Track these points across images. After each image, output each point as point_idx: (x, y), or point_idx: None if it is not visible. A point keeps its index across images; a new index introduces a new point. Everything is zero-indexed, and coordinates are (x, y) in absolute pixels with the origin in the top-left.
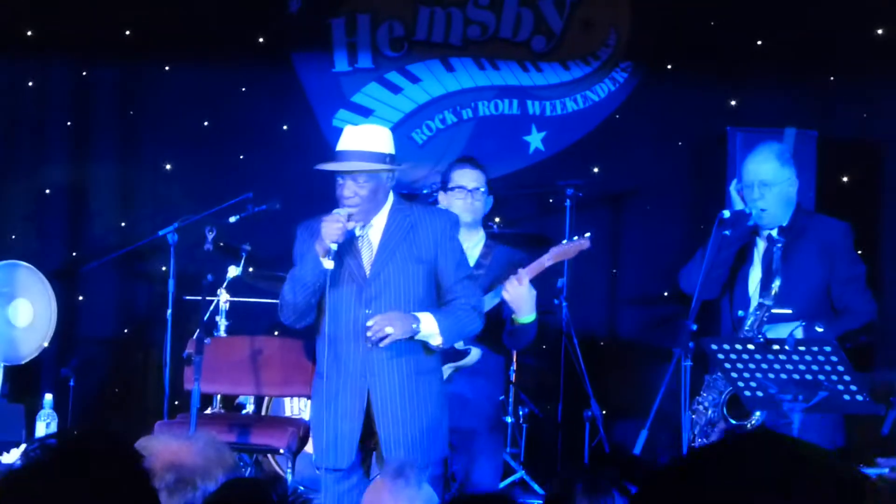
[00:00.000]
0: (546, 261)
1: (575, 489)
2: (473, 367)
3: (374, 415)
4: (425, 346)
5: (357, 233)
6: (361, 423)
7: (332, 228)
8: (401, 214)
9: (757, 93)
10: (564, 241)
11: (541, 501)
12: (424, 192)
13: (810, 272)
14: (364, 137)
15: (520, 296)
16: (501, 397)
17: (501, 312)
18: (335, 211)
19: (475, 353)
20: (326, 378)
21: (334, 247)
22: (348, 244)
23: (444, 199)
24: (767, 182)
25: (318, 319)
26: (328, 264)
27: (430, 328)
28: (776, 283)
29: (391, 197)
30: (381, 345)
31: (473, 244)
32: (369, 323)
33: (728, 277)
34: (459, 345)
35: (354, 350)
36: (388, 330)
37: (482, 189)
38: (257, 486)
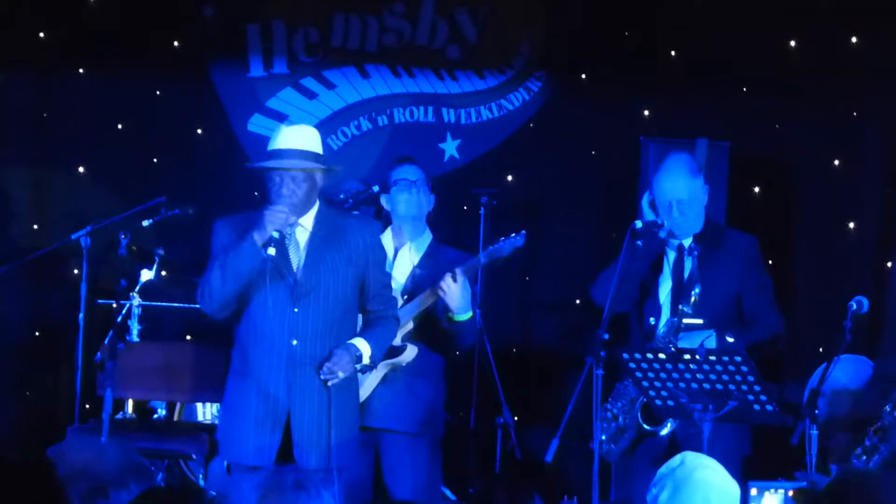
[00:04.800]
0: (482, 258)
1: (495, 496)
2: (410, 367)
3: (292, 422)
4: None
5: (286, 231)
6: (282, 430)
7: (276, 217)
8: (328, 217)
9: (670, 103)
10: (502, 239)
11: None
12: (341, 196)
13: (721, 283)
14: (300, 137)
15: (454, 293)
16: (441, 399)
17: (437, 311)
18: (277, 205)
19: (411, 351)
20: (247, 375)
21: (276, 234)
22: (276, 242)
23: (386, 201)
24: (683, 199)
25: (237, 314)
26: (271, 251)
27: (366, 355)
28: (696, 291)
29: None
30: (330, 383)
31: (419, 243)
32: (324, 374)
33: (639, 290)
34: (397, 341)
35: (279, 348)
36: (341, 375)
37: (423, 184)
38: (177, 497)
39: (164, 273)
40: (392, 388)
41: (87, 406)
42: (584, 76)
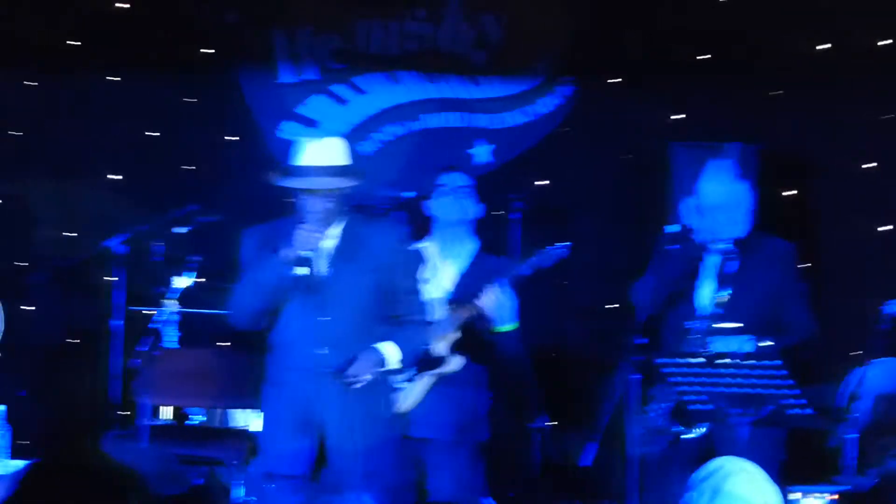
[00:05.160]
0: (525, 269)
1: (534, 500)
2: (451, 375)
3: (323, 429)
4: None
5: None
6: (317, 437)
7: (310, 238)
8: (355, 225)
9: (700, 107)
10: (546, 249)
11: None
12: (373, 203)
13: (759, 288)
14: (326, 152)
15: (495, 304)
16: (484, 410)
17: (480, 320)
18: (308, 223)
19: (457, 361)
20: (280, 385)
21: (310, 254)
22: (306, 261)
23: (430, 207)
24: (725, 204)
25: (269, 325)
26: (303, 271)
27: (392, 360)
28: (725, 293)
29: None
30: (354, 388)
31: (464, 251)
32: (347, 378)
33: (674, 292)
34: (443, 351)
35: (308, 357)
36: (366, 378)
37: (468, 189)
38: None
39: (199, 280)
40: (431, 396)
41: (124, 413)
42: (613, 80)
